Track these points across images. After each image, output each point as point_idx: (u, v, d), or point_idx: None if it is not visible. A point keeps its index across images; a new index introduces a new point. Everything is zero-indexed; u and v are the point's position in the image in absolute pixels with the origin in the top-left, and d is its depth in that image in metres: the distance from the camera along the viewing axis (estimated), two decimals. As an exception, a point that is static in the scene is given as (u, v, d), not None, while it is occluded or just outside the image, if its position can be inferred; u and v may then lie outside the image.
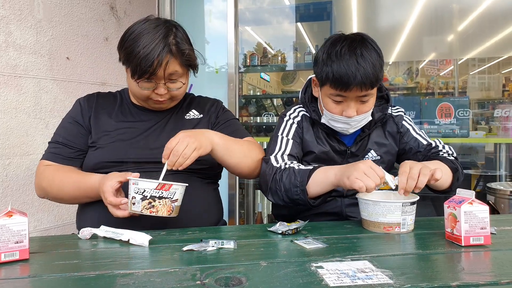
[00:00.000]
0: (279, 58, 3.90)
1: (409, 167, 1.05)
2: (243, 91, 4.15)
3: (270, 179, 1.19)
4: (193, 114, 1.32)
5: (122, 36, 1.20)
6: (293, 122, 1.35)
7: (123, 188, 1.09)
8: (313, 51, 3.74)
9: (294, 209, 1.31)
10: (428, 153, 1.33)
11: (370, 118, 1.29)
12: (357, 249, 0.90)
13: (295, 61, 3.72)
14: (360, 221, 1.12)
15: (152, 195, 1.00)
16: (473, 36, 3.63)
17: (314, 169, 1.16)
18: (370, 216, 1.04)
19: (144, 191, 1.00)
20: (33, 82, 1.94)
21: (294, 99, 3.92)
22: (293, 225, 1.04)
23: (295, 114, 1.38)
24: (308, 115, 1.37)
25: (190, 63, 1.22)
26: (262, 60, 3.86)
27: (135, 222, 1.07)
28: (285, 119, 1.37)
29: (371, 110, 1.27)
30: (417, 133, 1.39)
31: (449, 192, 1.23)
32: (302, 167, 1.19)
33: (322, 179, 1.14)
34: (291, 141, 1.31)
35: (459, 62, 5.06)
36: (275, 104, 4.17)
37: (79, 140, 1.25)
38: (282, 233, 1.03)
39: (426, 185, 1.18)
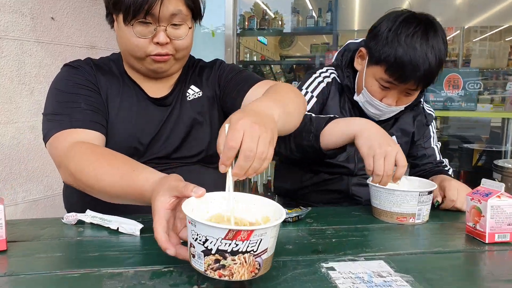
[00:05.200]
0: (279, 22, 3.70)
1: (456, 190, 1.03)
2: (240, 55, 3.97)
3: None
4: (193, 91, 1.12)
5: None
6: (322, 81, 1.24)
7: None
8: (315, 15, 3.54)
9: (297, 183, 1.24)
10: (436, 168, 1.28)
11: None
12: (370, 244, 0.82)
13: (297, 25, 3.52)
14: (368, 206, 1.04)
15: (220, 248, 0.58)
16: (479, 2, 3.47)
17: (333, 118, 1.05)
18: (382, 205, 0.96)
19: (206, 240, 0.59)
20: (15, 44, 1.78)
21: (294, 66, 3.76)
22: (294, 213, 0.96)
23: (327, 74, 1.26)
24: (339, 81, 1.25)
25: (194, 2, 1.00)
26: (261, 23, 3.67)
27: (125, 206, 0.97)
28: (314, 75, 1.25)
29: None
30: (435, 144, 1.33)
31: None
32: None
33: (342, 129, 1.00)
34: (314, 99, 1.20)
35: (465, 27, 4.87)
36: (273, 71, 4.01)
37: (104, 108, 1.01)
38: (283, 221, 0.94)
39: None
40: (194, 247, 0.61)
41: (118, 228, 0.87)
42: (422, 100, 1.28)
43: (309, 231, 0.89)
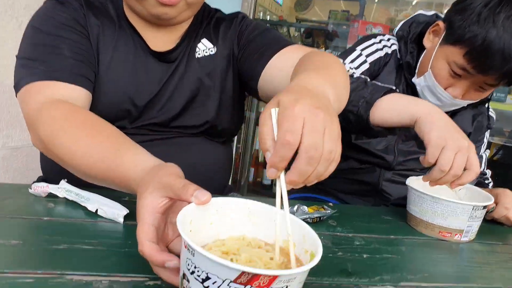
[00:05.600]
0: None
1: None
2: (256, 13, 3.67)
3: None
4: (204, 47, 0.91)
5: None
6: (381, 49, 1.05)
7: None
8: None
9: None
10: (479, 179, 1.13)
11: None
12: (409, 266, 0.65)
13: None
14: (398, 207, 0.87)
15: None
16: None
17: (394, 90, 0.87)
18: (423, 214, 0.79)
19: (208, 278, 0.39)
20: (2, -32, 1.54)
21: (313, 31, 3.48)
22: (316, 213, 0.78)
23: (388, 43, 1.07)
24: (399, 56, 1.06)
25: None
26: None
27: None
28: (374, 40, 1.07)
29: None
30: (483, 152, 1.15)
31: None
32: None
33: (405, 106, 0.81)
34: (367, 65, 1.02)
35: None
36: (290, 34, 3.72)
37: (93, 57, 0.81)
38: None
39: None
40: (188, 281, 0.41)
41: (97, 210, 0.69)
42: (490, 98, 1.09)
43: (333, 239, 0.72)
